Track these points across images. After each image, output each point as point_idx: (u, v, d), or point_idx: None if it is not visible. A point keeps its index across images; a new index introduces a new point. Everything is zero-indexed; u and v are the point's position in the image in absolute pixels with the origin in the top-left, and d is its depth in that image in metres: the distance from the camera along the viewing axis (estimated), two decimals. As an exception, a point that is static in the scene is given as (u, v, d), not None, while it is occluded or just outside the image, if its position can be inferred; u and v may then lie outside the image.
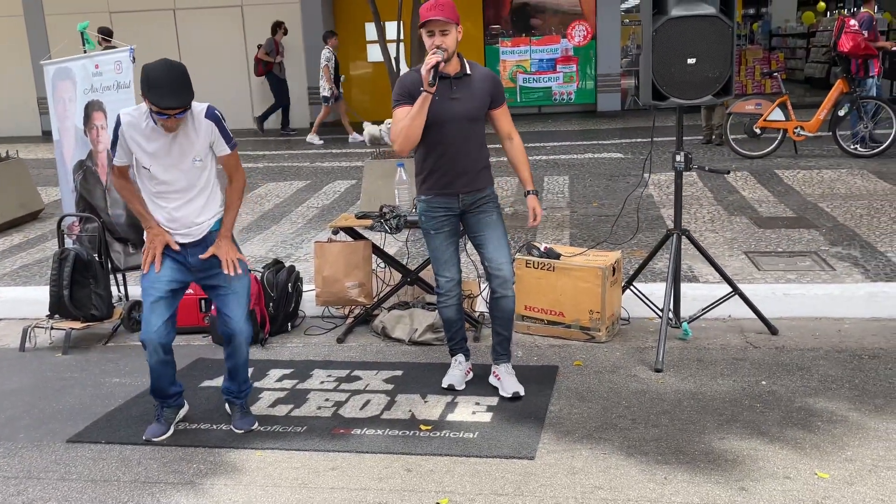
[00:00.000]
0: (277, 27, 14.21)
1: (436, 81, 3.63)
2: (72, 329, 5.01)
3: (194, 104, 3.52)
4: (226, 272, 3.64)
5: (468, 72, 3.81)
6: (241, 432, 3.77)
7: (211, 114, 3.55)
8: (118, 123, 3.52)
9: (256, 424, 3.83)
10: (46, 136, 14.00)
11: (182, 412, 3.92)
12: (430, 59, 3.62)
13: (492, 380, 4.06)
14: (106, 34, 12.00)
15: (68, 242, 5.51)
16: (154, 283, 3.62)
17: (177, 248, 3.63)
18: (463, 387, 4.10)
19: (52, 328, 5.05)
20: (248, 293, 3.75)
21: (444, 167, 3.83)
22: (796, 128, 9.45)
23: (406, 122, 3.71)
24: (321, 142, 12.99)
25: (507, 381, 3.97)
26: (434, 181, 3.87)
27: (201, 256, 3.65)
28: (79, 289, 5.04)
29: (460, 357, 4.19)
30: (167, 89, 3.30)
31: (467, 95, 3.79)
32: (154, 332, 3.58)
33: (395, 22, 8.02)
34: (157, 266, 3.61)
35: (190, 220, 3.63)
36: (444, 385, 4.11)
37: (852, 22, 9.42)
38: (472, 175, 3.86)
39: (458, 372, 4.15)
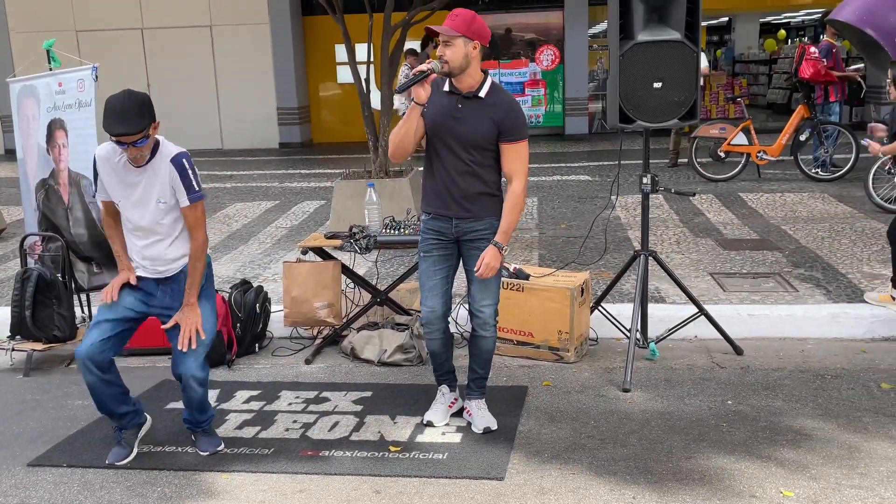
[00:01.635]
0: (430, 40, 13.90)
1: (406, 89, 3.49)
2: (34, 350, 4.92)
3: (170, 146, 3.51)
4: (179, 347, 3.56)
5: (481, 94, 3.59)
6: (207, 454, 3.72)
7: (177, 161, 3.48)
8: (95, 159, 3.55)
9: (222, 446, 3.77)
10: (9, 154, 13.81)
11: (143, 430, 3.84)
12: (418, 67, 3.51)
13: (464, 415, 3.95)
14: None
15: (31, 262, 5.42)
16: (111, 305, 3.59)
17: (135, 282, 3.60)
18: (444, 422, 3.93)
19: (13, 349, 4.95)
20: (209, 341, 3.65)
21: (440, 186, 3.70)
22: (759, 152, 9.64)
23: (397, 128, 3.63)
24: None
25: (478, 417, 3.86)
26: (431, 199, 3.75)
27: (163, 327, 3.62)
28: (41, 309, 4.95)
29: (444, 388, 4.02)
30: (119, 116, 3.29)
31: (471, 118, 3.59)
32: (87, 346, 3.51)
33: (366, 44, 8.06)
34: (115, 296, 3.57)
35: (160, 260, 3.61)
36: (423, 421, 3.94)
37: (813, 49, 9.67)
38: (468, 202, 3.66)
39: (440, 407, 3.97)
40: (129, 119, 3.30)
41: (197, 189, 3.53)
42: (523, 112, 3.78)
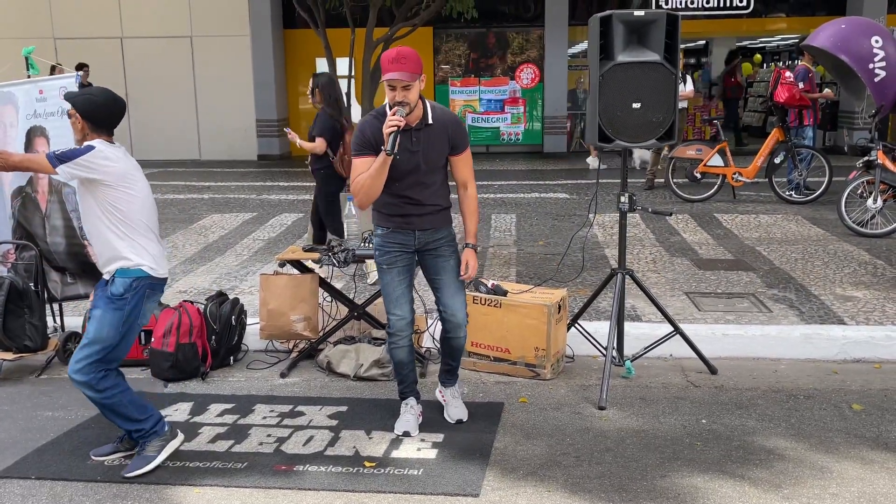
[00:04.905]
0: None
1: (395, 147, 3.52)
2: (3, 360, 4.84)
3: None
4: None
5: (430, 121, 3.72)
6: (124, 475, 3.57)
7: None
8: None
9: (148, 468, 3.59)
10: (-17, 161, 13.58)
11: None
12: (391, 123, 3.51)
13: (437, 396, 4.08)
14: None
15: (3, 270, 5.35)
16: None
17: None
18: (417, 432, 3.99)
19: (-18, 359, 4.87)
20: (97, 348, 3.55)
21: (402, 210, 3.81)
22: (735, 174, 9.77)
23: (367, 181, 3.64)
24: (605, 166, 12.66)
25: (452, 407, 3.95)
26: (390, 218, 3.84)
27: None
28: (12, 318, 4.88)
29: (411, 401, 4.08)
30: None
31: (428, 146, 3.73)
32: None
33: (347, 58, 8.08)
34: None
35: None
36: (399, 432, 3.97)
37: (788, 74, 9.83)
38: (430, 216, 3.83)
39: (411, 417, 4.02)
40: None
41: (58, 153, 3.43)
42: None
